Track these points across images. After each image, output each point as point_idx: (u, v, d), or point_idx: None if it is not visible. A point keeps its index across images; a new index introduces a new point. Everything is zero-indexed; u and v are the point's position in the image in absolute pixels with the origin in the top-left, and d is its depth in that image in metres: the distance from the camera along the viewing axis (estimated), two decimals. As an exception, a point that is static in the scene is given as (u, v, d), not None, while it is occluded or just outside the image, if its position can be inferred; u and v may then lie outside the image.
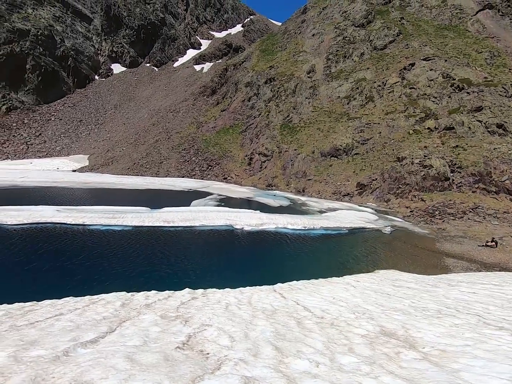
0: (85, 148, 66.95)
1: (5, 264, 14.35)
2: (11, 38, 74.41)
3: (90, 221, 20.83)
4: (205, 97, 75.30)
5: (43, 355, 3.52)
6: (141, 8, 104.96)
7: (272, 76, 63.07)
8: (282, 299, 8.49)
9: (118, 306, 7.67)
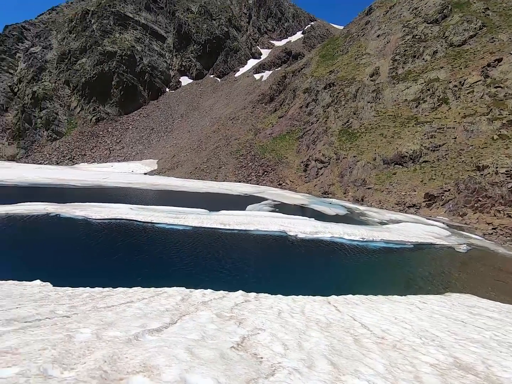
0: (155, 153, 74.31)
1: (90, 253, 16.66)
2: (102, 60, 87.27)
3: (157, 220, 22.92)
4: (263, 104, 77.14)
5: (118, 336, 3.98)
6: (208, 24, 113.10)
7: (332, 81, 61.54)
8: (337, 312, 8.11)
9: (179, 300, 8.24)
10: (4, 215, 21.79)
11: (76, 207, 25.32)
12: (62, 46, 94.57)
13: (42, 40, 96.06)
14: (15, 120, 78.01)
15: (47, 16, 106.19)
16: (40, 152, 74.32)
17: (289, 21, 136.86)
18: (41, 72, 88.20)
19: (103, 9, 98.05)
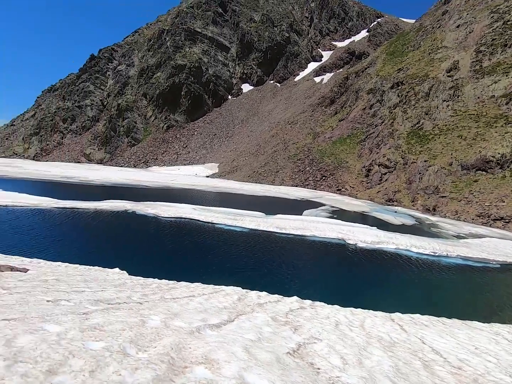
0: (216, 157, 78.63)
1: (159, 247, 18.38)
2: (174, 73, 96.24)
3: (217, 220, 24.14)
4: (323, 107, 75.36)
5: (183, 327, 4.29)
6: (269, 31, 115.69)
7: (400, 79, 56.88)
8: (402, 332, 7.39)
9: (235, 299, 8.51)
10: (93, 210, 25.52)
11: (148, 205, 28.23)
12: (142, 63, 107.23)
13: (126, 59, 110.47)
14: (103, 129, 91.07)
15: (131, 38, 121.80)
16: (122, 156, 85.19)
17: (353, 20, 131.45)
18: (125, 87, 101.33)
19: (176, 27, 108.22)
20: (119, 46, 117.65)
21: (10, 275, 6.33)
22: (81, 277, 8.20)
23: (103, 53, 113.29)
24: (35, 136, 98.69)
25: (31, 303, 4.22)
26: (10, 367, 2.23)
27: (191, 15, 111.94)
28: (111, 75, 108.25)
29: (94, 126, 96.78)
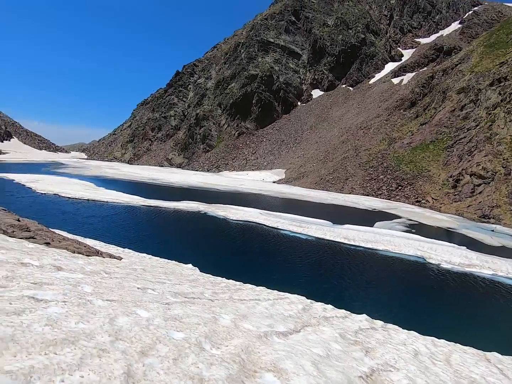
0: (284, 163, 79.23)
1: (227, 248, 19.36)
2: (246, 82, 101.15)
3: (282, 226, 24.21)
4: (401, 110, 68.98)
5: (251, 330, 4.38)
6: (343, 34, 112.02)
7: (503, 75, 48.23)
8: (503, 377, 6.13)
9: (300, 309, 8.33)
10: (172, 209, 28.40)
11: (219, 207, 30.05)
12: (218, 75, 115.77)
13: (205, 73, 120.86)
14: (183, 137, 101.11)
15: (210, 53, 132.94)
16: (197, 161, 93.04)
17: (441, 13, 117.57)
18: (203, 98, 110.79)
19: (250, 39, 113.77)
20: (199, 62, 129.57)
21: (109, 261, 7.46)
22: (162, 269, 9.17)
23: (186, 68, 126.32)
24: (130, 143, 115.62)
25: (126, 288, 4.88)
26: (114, 343, 2.60)
27: (264, 27, 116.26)
28: (192, 88, 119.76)
29: (176, 134, 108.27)
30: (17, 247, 5.75)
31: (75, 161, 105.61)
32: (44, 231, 8.58)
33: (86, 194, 32.01)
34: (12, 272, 3.72)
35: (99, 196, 31.66)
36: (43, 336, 2.28)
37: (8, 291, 3.09)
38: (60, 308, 3.01)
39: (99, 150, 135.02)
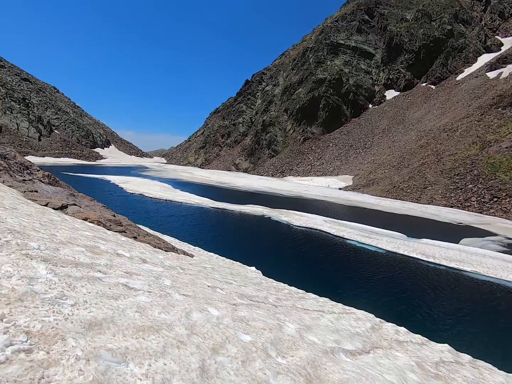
0: (351, 169, 75.24)
1: (289, 253, 19.25)
2: (314, 87, 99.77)
3: (348, 236, 22.93)
4: (499, 109, 58.64)
5: (317, 343, 4.22)
6: (424, 28, 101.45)
7: None
8: None
9: (368, 327, 7.71)
10: (238, 212, 29.61)
11: (282, 212, 30.13)
12: (286, 81, 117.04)
13: (273, 80, 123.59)
14: (250, 142, 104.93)
15: (278, 61, 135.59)
16: (262, 166, 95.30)
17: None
18: (270, 104, 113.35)
19: (319, 43, 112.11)
20: (268, 70, 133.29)
21: (184, 258, 8.15)
22: (228, 269, 9.60)
23: (255, 77, 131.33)
24: (202, 149, 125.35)
25: (198, 285, 5.25)
26: (189, 336, 2.81)
27: (334, 29, 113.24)
28: (260, 95, 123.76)
29: (243, 140, 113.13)
30: (113, 239, 6.74)
31: (156, 165, 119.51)
32: (132, 226, 9.87)
33: (165, 195, 35.82)
34: (110, 261, 4.37)
35: (175, 197, 35.07)
36: (134, 322, 2.60)
37: (108, 277, 3.62)
38: (146, 297, 3.39)
39: (176, 155, 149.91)
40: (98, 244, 5.30)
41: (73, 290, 2.73)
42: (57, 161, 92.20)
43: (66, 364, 1.68)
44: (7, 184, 8.50)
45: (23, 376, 1.48)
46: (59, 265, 3.27)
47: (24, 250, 3.24)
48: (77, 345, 1.89)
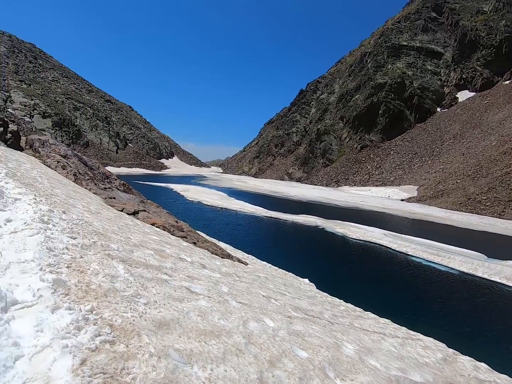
0: (415, 179, 68.80)
1: (344, 267, 18.28)
2: (372, 93, 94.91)
3: (413, 252, 20.84)
4: None
5: (379, 369, 3.89)
6: (507, 18, 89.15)
7: None
8: None
9: (439, 358, 6.83)
10: (290, 222, 29.36)
11: (337, 224, 28.90)
12: (342, 88, 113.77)
13: (328, 88, 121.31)
14: (303, 152, 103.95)
15: (333, 68, 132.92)
16: (316, 176, 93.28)
17: None
18: (325, 113, 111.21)
19: (379, 46, 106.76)
20: (323, 78, 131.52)
21: (238, 265, 8.35)
22: (281, 280, 9.52)
23: (310, 86, 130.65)
24: (256, 158, 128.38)
25: (253, 294, 5.32)
26: (247, 345, 2.85)
27: (396, 31, 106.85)
28: (314, 104, 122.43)
29: (296, 149, 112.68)
30: (176, 243, 7.28)
31: (213, 174, 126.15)
32: (192, 232, 10.52)
33: (220, 203, 37.45)
34: (175, 265, 4.72)
35: (230, 205, 36.40)
36: (197, 325, 2.74)
37: (173, 280, 3.91)
38: (206, 302, 3.56)
39: (232, 165, 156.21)
40: (164, 248, 5.77)
41: (145, 290, 3.01)
42: (130, 171, 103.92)
43: (142, 359, 1.86)
44: (92, 191, 9.88)
45: (108, 366, 1.68)
46: (133, 265, 3.65)
47: (107, 251, 3.70)
48: (150, 342, 2.07)
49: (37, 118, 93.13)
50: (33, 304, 2.02)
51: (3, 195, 4.46)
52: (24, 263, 2.57)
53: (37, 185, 6.04)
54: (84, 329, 1.89)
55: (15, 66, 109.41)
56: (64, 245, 3.25)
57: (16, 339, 1.66)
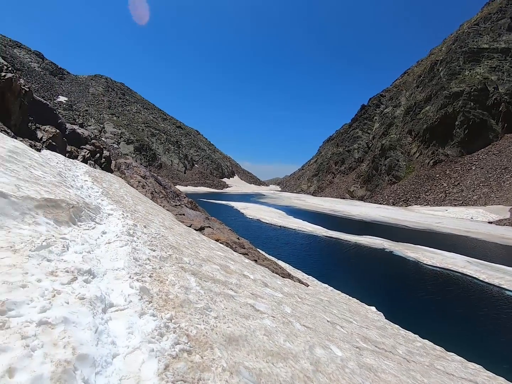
0: (506, 198, 58.58)
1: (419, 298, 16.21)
2: (446, 103, 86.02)
3: (508, 286, 17.44)
4: None
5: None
6: None
7: None
8: None
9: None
10: (353, 243, 27.63)
11: (408, 247, 26.11)
12: (409, 101, 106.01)
13: (393, 101, 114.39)
14: (366, 169, 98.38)
15: (399, 80, 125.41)
16: (381, 194, 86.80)
17: None
18: (390, 127, 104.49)
19: (453, 53, 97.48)
20: (387, 91, 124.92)
21: (299, 286, 8.12)
22: (345, 305, 8.89)
23: (372, 100, 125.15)
24: (315, 176, 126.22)
25: (317, 318, 5.08)
26: (315, 373, 2.71)
27: (474, 33, 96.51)
28: (377, 119, 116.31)
29: (358, 166, 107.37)
30: (238, 260, 7.48)
31: (271, 193, 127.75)
32: (252, 250, 10.70)
33: (279, 221, 37.43)
34: (239, 281, 4.83)
35: (288, 223, 36.11)
36: (263, 345, 2.73)
37: (238, 296, 4.00)
38: (271, 322, 3.52)
39: (290, 183, 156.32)
40: (228, 263, 5.98)
41: (214, 304, 3.14)
42: (195, 189, 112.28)
43: (215, 372, 1.92)
44: (166, 208, 10.92)
45: (187, 374, 1.78)
46: (203, 279, 3.86)
47: (180, 264, 4.00)
48: (222, 356, 2.13)
49: (122, 144, 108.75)
50: (125, 308, 2.28)
51: (100, 211, 5.25)
52: (117, 270, 2.95)
53: (124, 202, 6.95)
54: (165, 336, 2.05)
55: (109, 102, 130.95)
56: (146, 256, 3.63)
57: (113, 338, 1.88)
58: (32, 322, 1.65)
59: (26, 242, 2.79)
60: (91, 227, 4.30)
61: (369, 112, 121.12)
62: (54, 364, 1.43)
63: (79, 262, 2.74)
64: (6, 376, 1.30)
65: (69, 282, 2.31)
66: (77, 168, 10.26)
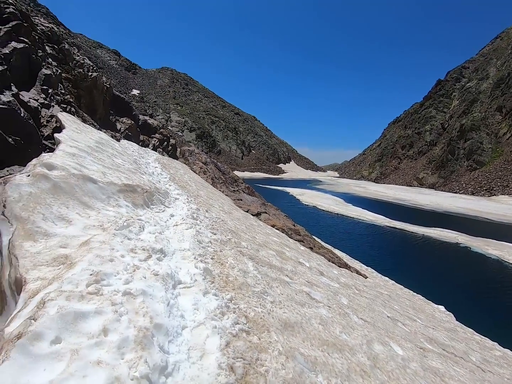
0: None
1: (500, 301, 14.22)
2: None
3: None
4: None
5: None
6: None
7: None
8: None
9: None
10: (420, 235, 25.27)
11: (489, 243, 22.85)
12: (501, 71, 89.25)
13: (479, 73, 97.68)
14: (440, 153, 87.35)
15: (488, 48, 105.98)
16: (457, 182, 76.56)
17: None
18: (472, 104, 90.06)
19: None
20: (471, 62, 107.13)
21: (357, 278, 7.82)
22: (409, 302, 8.30)
23: (451, 74, 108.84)
24: (378, 162, 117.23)
25: (376, 312, 4.86)
26: (373, 369, 2.63)
27: None
28: (457, 95, 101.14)
29: (430, 150, 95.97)
30: (294, 247, 7.52)
31: (329, 179, 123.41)
32: (308, 237, 10.61)
33: (336, 209, 36.14)
34: (294, 268, 4.88)
35: (346, 211, 34.63)
36: (319, 333, 2.74)
37: (293, 283, 4.05)
38: (326, 311, 3.50)
39: (349, 169, 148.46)
40: (284, 250, 6.07)
41: (270, 289, 3.24)
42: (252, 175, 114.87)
43: (272, 355, 2.01)
44: (224, 193, 11.46)
45: (246, 353, 1.90)
46: (260, 264, 4.00)
47: (239, 248, 4.20)
48: (278, 340, 2.22)
49: (186, 132, 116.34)
50: (191, 286, 2.52)
51: (168, 195, 5.79)
52: (183, 251, 3.25)
53: (188, 188, 7.51)
54: (226, 315, 2.22)
55: (174, 93, 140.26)
56: (208, 239, 3.91)
57: (182, 312, 2.11)
58: (118, 292, 1.96)
59: (111, 222, 3.25)
60: (161, 210, 4.79)
61: (446, 88, 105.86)
62: (137, 329, 1.68)
63: (152, 242, 3.10)
64: (102, 335, 1.59)
65: (145, 259, 2.64)
66: (148, 156, 11.41)
